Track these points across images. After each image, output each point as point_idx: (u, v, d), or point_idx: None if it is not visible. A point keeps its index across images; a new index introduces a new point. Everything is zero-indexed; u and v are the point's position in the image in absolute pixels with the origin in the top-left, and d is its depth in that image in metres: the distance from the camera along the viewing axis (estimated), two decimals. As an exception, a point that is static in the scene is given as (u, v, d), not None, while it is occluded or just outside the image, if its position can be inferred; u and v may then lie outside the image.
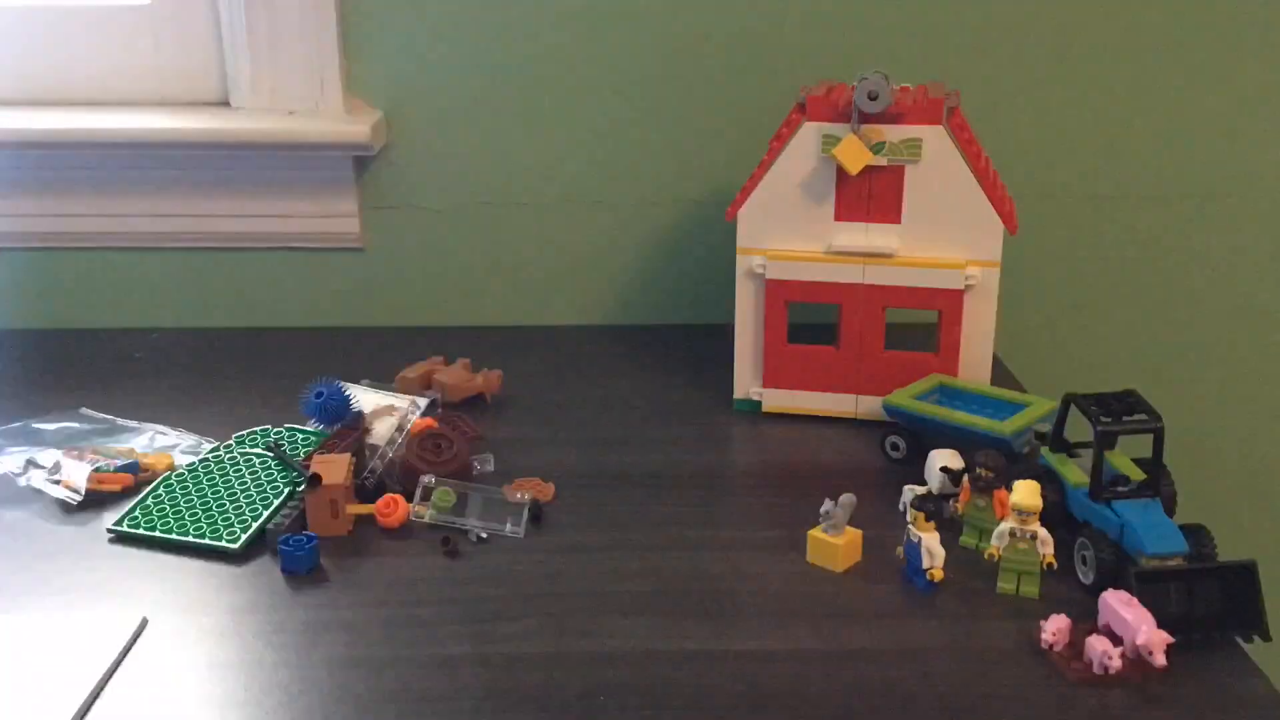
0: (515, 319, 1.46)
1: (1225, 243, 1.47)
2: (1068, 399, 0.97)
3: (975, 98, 1.32)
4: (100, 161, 1.40)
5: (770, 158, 1.17)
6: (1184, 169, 1.44)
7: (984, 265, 1.16)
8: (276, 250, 1.44)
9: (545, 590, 0.93)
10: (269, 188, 1.41)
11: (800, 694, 0.81)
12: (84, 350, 1.38)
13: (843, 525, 0.95)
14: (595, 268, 1.46)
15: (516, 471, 1.09)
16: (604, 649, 0.86)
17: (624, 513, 1.04)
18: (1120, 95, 1.41)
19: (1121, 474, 0.95)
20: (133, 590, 0.93)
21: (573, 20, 1.37)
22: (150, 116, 1.38)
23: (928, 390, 1.15)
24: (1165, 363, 1.51)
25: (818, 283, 1.17)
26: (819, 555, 0.96)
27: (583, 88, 1.40)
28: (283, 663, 0.85)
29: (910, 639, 0.87)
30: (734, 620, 0.89)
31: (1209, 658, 0.84)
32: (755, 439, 1.18)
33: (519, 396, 1.25)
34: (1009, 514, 0.91)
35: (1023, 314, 1.45)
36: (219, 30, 1.39)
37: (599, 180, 1.43)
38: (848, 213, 1.17)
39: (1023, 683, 0.82)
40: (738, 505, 1.07)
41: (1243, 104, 1.42)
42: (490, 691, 0.82)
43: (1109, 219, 1.45)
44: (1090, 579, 0.91)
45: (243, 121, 1.37)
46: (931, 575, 0.90)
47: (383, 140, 1.39)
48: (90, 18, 1.39)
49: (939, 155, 1.14)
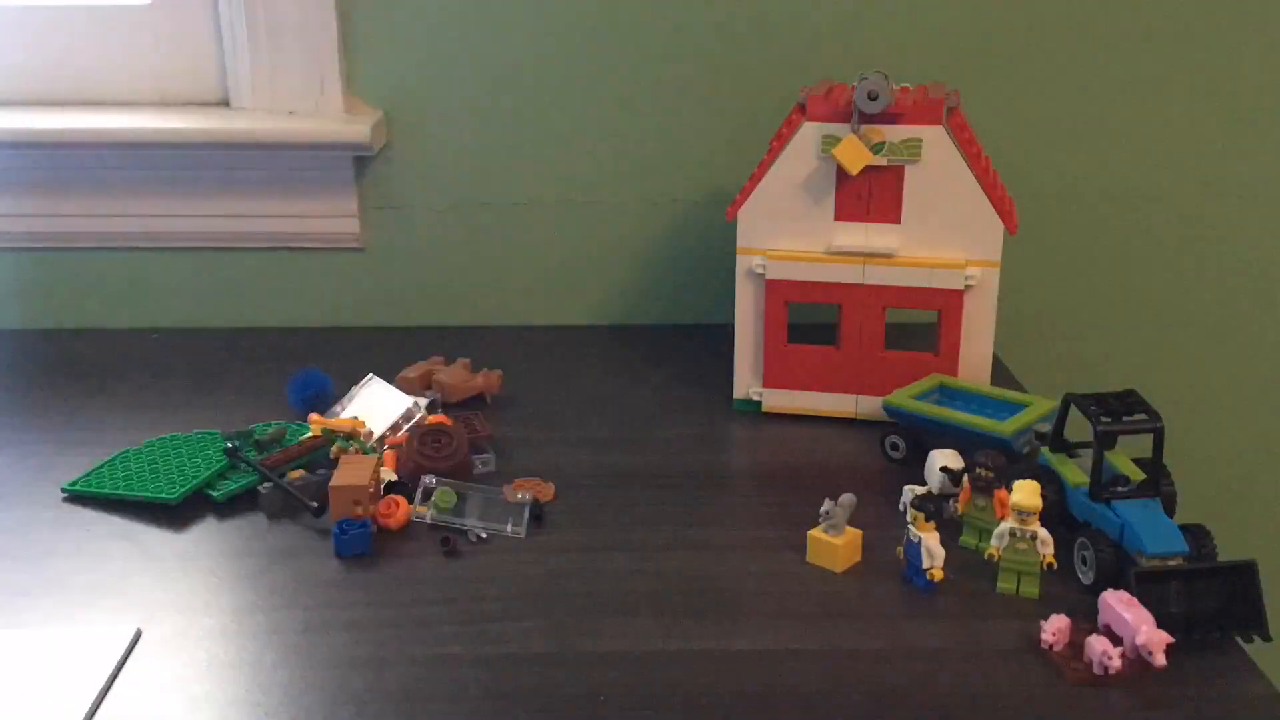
0: (515, 319, 1.46)
1: (1225, 243, 1.47)
2: (1068, 399, 0.97)
3: (975, 98, 1.32)
4: (100, 161, 1.40)
5: (770, 158, 1.17)
6: (1184, 169, 1.44)
7: (984, 265, 1.16)
8: (276, 250, 1.44)
9: (545, 590, 0.93)
10: (269, 188, 1.41)
11: (800, 694, 0.81)
12: (84, 350, 1.38)
13: (842, 525, 0.95)
14: (595, 268, 1.46)
15: (516, 471, 1.09)
16: (604, 649, 0.86)
17: (624, 513, 1.04)
18: (1120, 95, 1.41)
19: (1121, 474, 0.95)
20: (132, 590, 0.93)
21: (573, 20, 1.37)
22: (150, 116, 1.38)
23: (928, 390, 1.15)
24: (1165, 363, 1.51)
25: (818, 283, 1.17)
26: (819, 555, 0.96)
27: (583, 88, 1.40)
28: (283, 663, 0.85)
29: (910, 639, 0.87)
30: (734, 620, 0.89)
31: (1209, 658, 0.84)
32: (755, 439, 1.18)
33: (519, 396, 1.25)
34: (1009, 514, 0.91)
35: (1023, 314, 1.45)
36: (219, 30, 1.39)
37: (599, 180, 1.43)
38: (847, 213, 1.17)
39: (1023, 683, 0.82)
40: (738, 505, 1.07)
41: (1243, 104, 1.42)
42: (490, 691, 0.82)
43: (1109, 219, 1.45)
44: (1090, 579, 0.91)
45: (243, 121, 1.37)
46: (931, 575, 0.90)
47: (383, 140, 1.39)
48: (90, 18, 1.39)
49: (939, 155, 1.14)
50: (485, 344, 1.38)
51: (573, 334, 1.44)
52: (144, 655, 0.86)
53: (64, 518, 1.04)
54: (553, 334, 1.44)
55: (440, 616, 0.90)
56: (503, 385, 1.25)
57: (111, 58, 1.40)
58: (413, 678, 0.83)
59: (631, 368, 1.33)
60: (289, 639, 0.87)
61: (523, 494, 1.02)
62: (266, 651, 0.86)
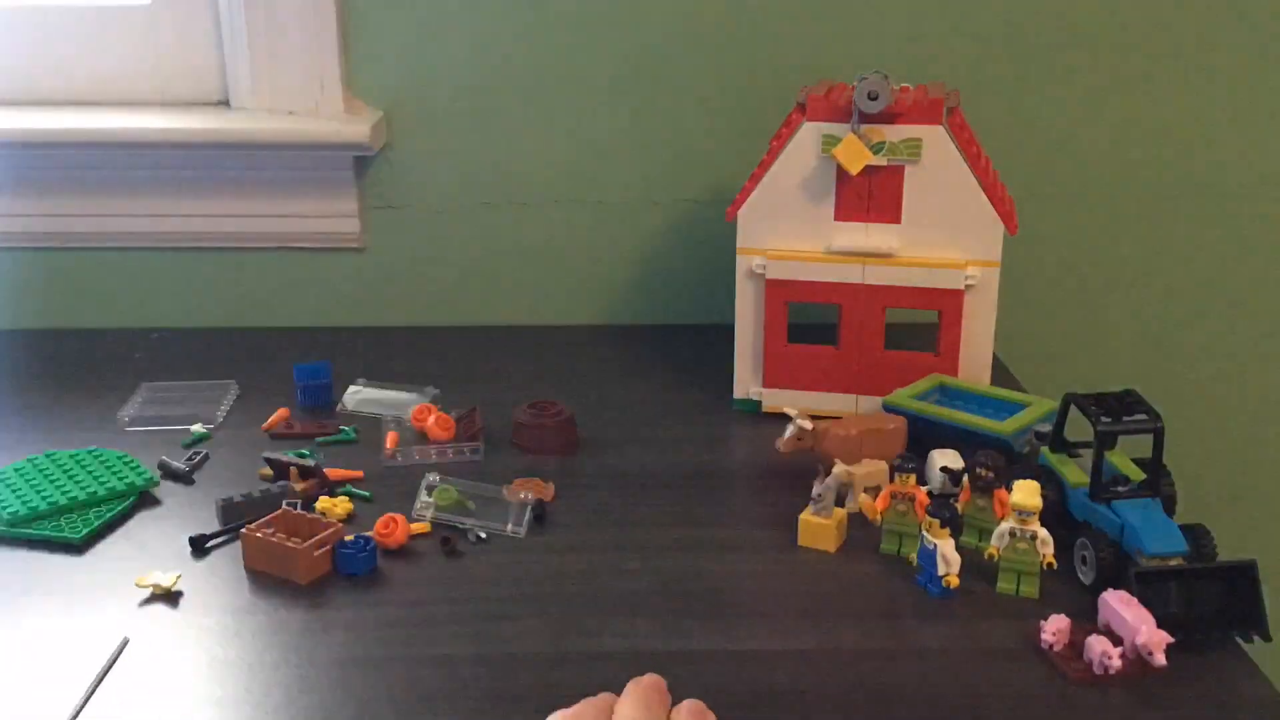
0: (515, 319, 1.46)
1: (1225, 243, 1.47)
2: (1068, 399, 0.97)
3: (975, 98, 1.32)
4: (100, 161, 1.40)
5: (770, 158, 1.17)
6: (1185, 169, 1.44)
7: (984, 265, 1.16)
8: (276, 250, 1.44)
9: (545, 590, 0.93)
10: (269, 188, 1.41)
11: (800, 694, 0.81)
12: (84, 350, 1.38)
13: (831, 506, 0.96)
14: (595, 268, 1.46)
15: (516, 471, 1.09)
16: (604, 649, 0.86)
17: (624, 513, 1.04)
18: (1120, 95, 1.41)
19: (1121, 474, 0.95)
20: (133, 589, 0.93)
21: (572, 20, 1.37)
22: (150, 116, 1.38)
23: (928, 390, 1.15)
24: (1165, 363, 1.51)
25: (818, 283, 1.17)
26: (811, 537, 0.96)
27: (583, 87, 1.40)
28: (283, 662, 0.85)
29: (910, 639, 0.87)
30: (734, 620, 0.89)
31: (1209, 658, 0.84)
32: (755, 439, 1.18)
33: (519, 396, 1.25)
34: (1009, 514, 0.91)
35: (1023, 314, 1.45)
36: (219, 30, 1.39)
37: (599, 180, 1.43)
38: (848, 213, 1.17)
39: (1023, 683, 0.82)
40: (738, 505, 1.07)
41: (1243, 104, 1.42)
42: (490, 691, 0.82)
43: (1109, 219, 1.45)
44: (1090, 579, 0.91)
45: (243, 121, 1.37)
46: (947, 581, 0.90)
47: (383, 140, 1.39)
48: (90, 18, 1.39)
49: (939, 155, 1.14)
50: (485, 344, 1.38)
51: (573, 334, 1.44)
52: (143, 655, 0.86)
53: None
54: (553, 334, 1.44)
55: (440, 616, 0.90)
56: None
57: (111, 58, 1.40)
58: (413, 678, 0.83)
59: (631, 368, 1.33)
60: (289, 639, 0.87)
61: (524, 494, 1.02)
62: (267, 651, 0.86)
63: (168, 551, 0.98)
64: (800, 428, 1.05)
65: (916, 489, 0.95)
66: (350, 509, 1.02)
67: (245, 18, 1.35)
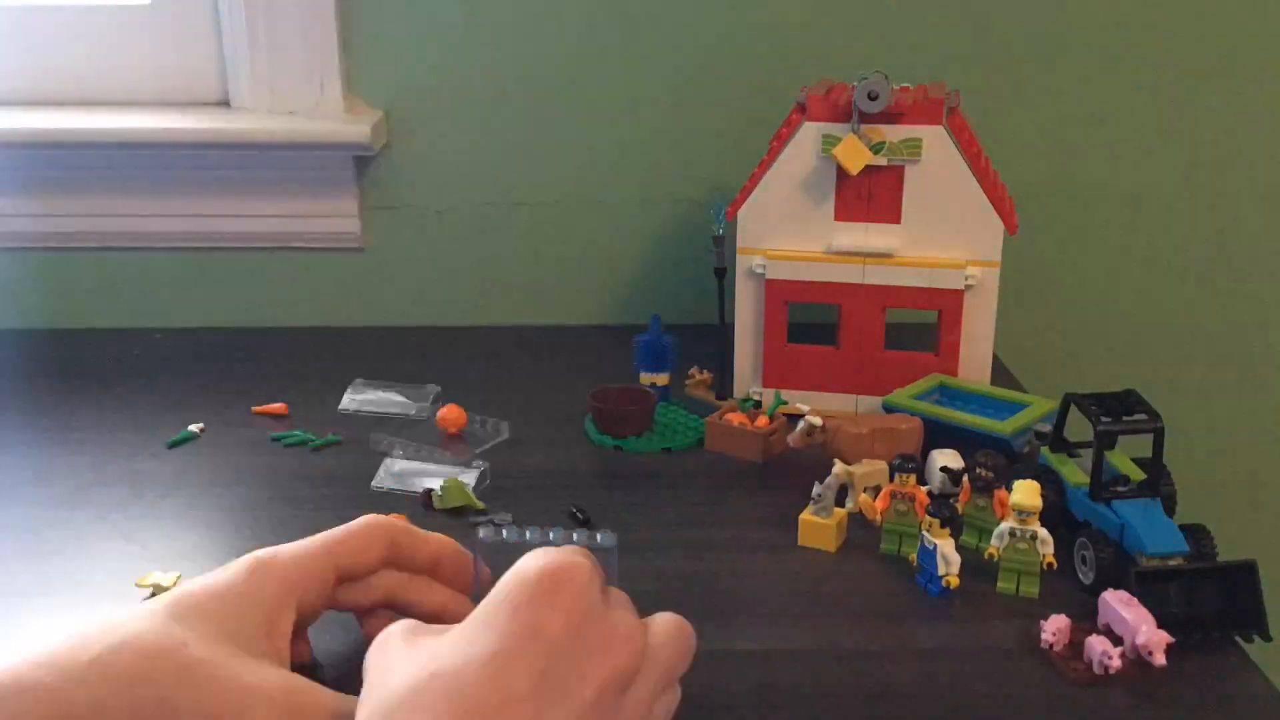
0: (515, 319, 1.46)
1: (1225, 243, 1.47)
2: (1068, 399, 0.97)
3: (975, 98, 1.32)
4: (100, 161, 1.40)
5: (770, 158, 1.17)
6: (1184, 169, 1.44)
7: (984, 265, 1.16)
8: (276, 250, 1.44)
9: (545, 590, 0.93)
10: (269, 188, 1.41)
11: (801, 694, 0.81)
12: (84, 350, 1.38)
13: (831, 506, 0.96)
14: (594, 268, 1.46)
15: (516, 471, 1.09)
16: (604, 649, 0.86)
17: (624, 513, 1.04)
18: (1120, 96, 1.41)
19: (1121, 474, 0.95)
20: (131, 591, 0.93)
21: (573, 20, 1.37)
22: (150, 116, 1.38)
23: (928, 390, 1.15)
24: (1165, 363, 1.51)
25: (818, 283, 1.17)
26: (812, 537, 0.96)
27: (583, 87, 1.40)
28: (283, 663, 0.85)
29: (910, 639, 0.87)
30: (735, 620, 0.89)
31: (1209, 658, 0.84)
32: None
33: (518, 397, 1.25)
34: (1009, 514, 0.91)
35: (1023, 314, 1.45)
36: (219, 30, 1.39)
37: (598, 180, 1.43)
38: (848, 213, 1.17)
39: (1023, 683, 0.82)
40: (738, 505, 1.06)
41: (1243, 104, 1.42)
42: (490, 691, 0.81)
43: (1109, 219, 1.46)
44: (1090, 579, 0.91)
45: (243, 121, 1.38)
46: (948, 582, 0.90)
47: (383, 140, 1.39)
48: (90, 18, 1.40)
49: (939, 155, 1.14)
50: (485, 344, 1.38)
51: (573, 334, 1.44)
52: (144, 655, 0.85)
53: (64, 518, 1.03)
54: (553, 334, 1.44)
55: (440, 616, 0.90)
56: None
57: (111, 58, 1.40)
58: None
59: (631, 368, 1.33)
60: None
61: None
62: (266, 651, 0.86)
63: (168, 551, 0.98)
64: (810, 424, 1.05)
65: (916, 489, 0.95)
66: None
67: (245, 18, 1.35)
